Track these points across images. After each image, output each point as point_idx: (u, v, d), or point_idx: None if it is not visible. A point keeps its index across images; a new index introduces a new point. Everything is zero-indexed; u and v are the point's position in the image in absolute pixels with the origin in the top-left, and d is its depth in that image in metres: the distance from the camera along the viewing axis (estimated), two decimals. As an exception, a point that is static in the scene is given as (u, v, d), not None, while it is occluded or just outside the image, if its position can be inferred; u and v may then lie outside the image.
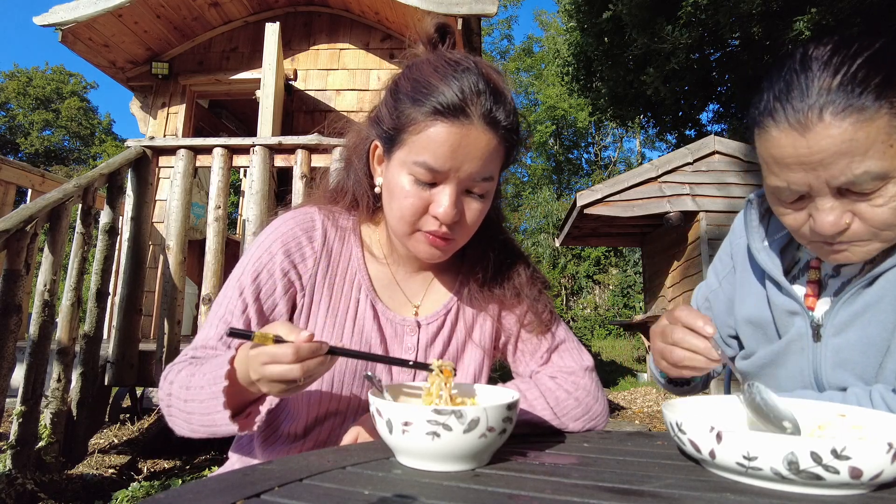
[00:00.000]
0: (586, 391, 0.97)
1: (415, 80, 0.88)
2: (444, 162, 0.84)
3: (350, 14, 5.44)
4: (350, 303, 0.98)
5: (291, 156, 3.50)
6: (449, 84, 0.84)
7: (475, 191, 0.89)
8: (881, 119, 0.73)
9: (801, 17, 8.20)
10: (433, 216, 0.88)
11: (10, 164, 4.73)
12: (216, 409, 0.78)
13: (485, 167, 0.87)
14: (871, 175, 0.75)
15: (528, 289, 1.04)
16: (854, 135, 0.74)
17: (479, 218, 0.93)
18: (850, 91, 0.74)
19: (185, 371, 0.85)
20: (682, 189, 6.44)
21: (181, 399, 0.83)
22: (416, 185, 0.87)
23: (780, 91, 0.79)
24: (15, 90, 32.47)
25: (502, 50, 32.47)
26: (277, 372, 0.70)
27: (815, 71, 0.77)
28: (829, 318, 0.92)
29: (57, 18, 4.72)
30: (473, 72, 0.86)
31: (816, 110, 0.75)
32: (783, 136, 0.78)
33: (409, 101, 0.87)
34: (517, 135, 0.92)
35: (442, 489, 0.58)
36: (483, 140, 0.85)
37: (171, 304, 3.31)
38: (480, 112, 0.84)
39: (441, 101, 0.83)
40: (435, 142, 0.84)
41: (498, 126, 0.86)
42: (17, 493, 2.47)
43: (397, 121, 0.89)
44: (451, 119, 0.83)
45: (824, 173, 0.77)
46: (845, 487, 0.56)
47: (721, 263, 1.18)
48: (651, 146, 27.52)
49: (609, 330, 16.67)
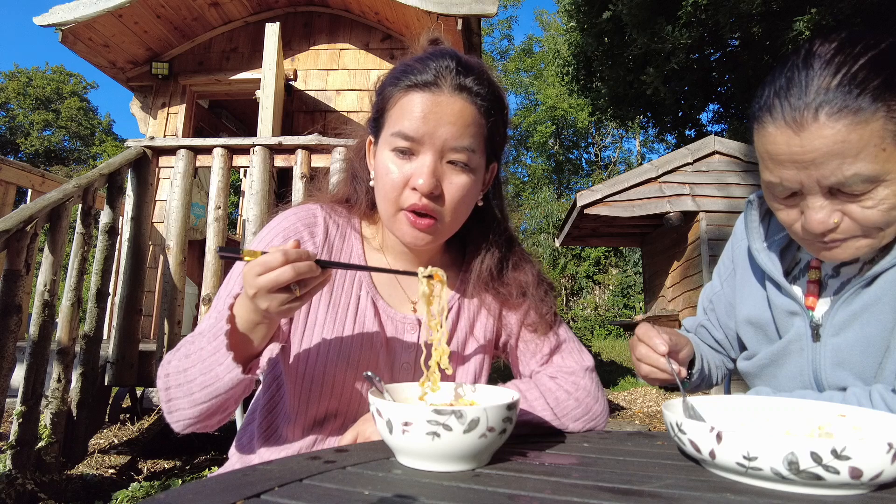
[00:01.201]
0: (586, 392, 0.97)
1: (395, 67, 0.95)
2: (417, 126, 0.87)
3: (350, 14, 5.44)
4: (351, 299, 0.98)
5: (291, 156, 3.50)
6: (423, 63, 0.90)
7: (455, 159, 0.90)
8: (876, 122, 0.73)
9: (801, 17, 8.21)
10: (412, 188, 0.89)
11: (10, 164, 4.73)
12: (218, 361, 0.78)
13: (461, 133, 0.89)
14: (862, 177, 0.75)
15: (535, 289, 1.03)
16: (847, 136, 0.74)
17: (463, 195, 0.92)
18: (848, 92, 0.74)
19: (185, 347, 0.85)
20: (682, 189, 6.44)
21: (181, 370, 0.82)
22: (397, 159, 0.90)
23: (781, 87, 0.80)
24: (15, 90, 32.47)
25: (502, 50, 32.50)
26: (271, 278, 0.72)
27: (816, 69, 0.77)
28: (828, 318, 0.92)
29: (57, 18, 4.72)
30: (448, 54, 0.92)
31: (812, 109, 0.75)
32: (778, 133, 0.79)
33: (389, 85, 0.93)
34: (496, 106, 0.94)
35: (442, 489, 0.58)
36: (455, 105, 0.88)
37: (171, 305, 3.31)
38: (450, 82, 0.89)
39: (414, 78, 0.89)
40: (408, 110, 0.89)
41: (469, 91, 0.90)
42: (17, 493, 2.47)
43: (380, 104, 0.95)
44: (423, 89, 0.89)
45: (815, 172, 0.77)
46: (845, 487, 0.56)
47: (723, 266, 1.18)
48: (651, 146, 27.56)
49: (609, 330, 16.67)
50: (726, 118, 13.09)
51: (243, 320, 0.80)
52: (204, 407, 0.82)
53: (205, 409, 0.83)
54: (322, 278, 0.77)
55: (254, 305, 0.76)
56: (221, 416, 0.87)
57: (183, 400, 0.83)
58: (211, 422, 0.86)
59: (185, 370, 0.82)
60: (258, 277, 0.73)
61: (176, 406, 0.84)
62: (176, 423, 0.86)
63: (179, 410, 0.84)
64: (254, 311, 0.78)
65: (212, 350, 0.79)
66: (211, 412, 0.84)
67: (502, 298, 1.04)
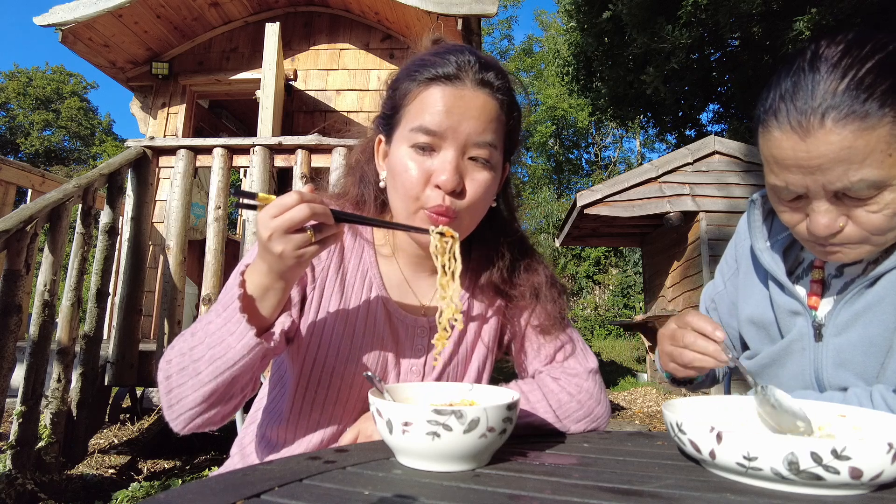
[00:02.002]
0: (589, 394, 0.96)
1: (410, 62, 0.93)
2: (440, 121, 0.85)
3: (350, 14, 5.44)
4: (361, 300, 0.96)
5: (291, 156, 3.50)
6: (443, 57, 0.88)
7: (477, 155, 0.87)
8: (883, 128, 0.73)
9: (801, 17, 8.20)
10: (436, 185, 0.86)
11: (10, 164, 4.73)
12: (230, 331, 0.76)
13: (484, 128, 0.87)
14: (867, 183, 0.75)
15: (547, 290, 1.02)
16: (853, 143, 0.73)
17: (484, 193, 0.89)
18: (855, 97, 0.73)
19: (188, 330, 0.83)
20: (682, 189, 6.44)
21: (185, 352, 0.79)
22: (416, 155, 0.87)
23: (787, 90, 0.79)
24: (15, 90, 32.47)
25: (502, 50, 32.50)
26: (287, 217, 0.72)
27: (822, 73, 0.76)
28: (830, 317, 0.92)
29: (57, 18, 4.72)
30: (467, 51, 0.90)
31: (819, 114, 0.75)
32: (784, 138, 0.78)
33: (405, 80, 0.90)
34: (513, 102, 0.93)
35: (442, 489, 0.58)
36: (479, 99, 0.87)
37: (171, 305, 3.31)
38: (472, 77, 0.87)
39: (435, 70, 0.87)
40: (430, 103, 0.86)
41: (492, 87, 0.88)
42: (17, 493, 2.47)
43: (395, 100, 0.92)
44: (445, 82, 0.86)
45: (822, 178, 0.77)
46: (845, 488, 0.56)
47: (726, 265, 1.18)
48: (651, 146, 27.55)
49: (609, 330, 16.67)
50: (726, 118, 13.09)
51: (255, 285, 0.79)
52: (210, 388, 0.77)
53: (210, 392, 0.78)
54: (336, 230, 0.77)
55: (268, 257, 0.75)
56: (225, 408, 0.82)
57: (186, 385, 0.78)
58: (214, 412, 0.81)
59: (190, 349, 0.79)
60: (274, 219, 0.72)
61: (178, 396, 0.79)
62: (177, 418, 0.80)
63: (182, 401, 0.79)
64: (266, 273, 0.77)
65: (222, 322, 0.77)
66: (217, 395, 0.79)
67: (513, 300, 1.02)
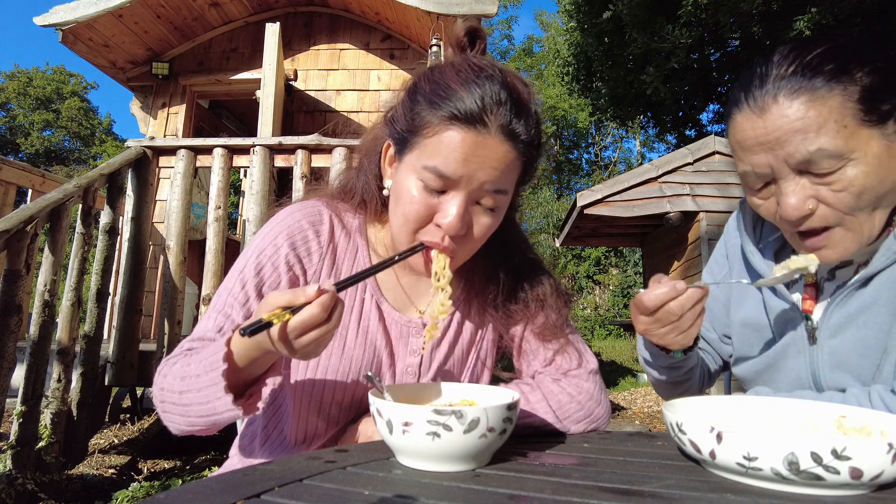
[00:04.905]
0: (589, 395, 0.95)
1: (434, 82, 0.84)
2: (455, 168, 0.80)
3: (350, 14, 5.44)
4: (355, 302, 0.96)
5: (292, 156, 3.50)
6: (469, 90, 0.80)
7: (485, 203, 0.85)
8: (833, 100, 0.78)
9: (801, 17, 8.20)
10: (437, 224, 0.84)
11: (10, 164, 4.73)
12: (216, 395, 0.75)
13: (499, 179, 0.83)
14: (826, 153, 0.78)
15: (553, 300, 1.01)
16: (806, 113, 0.78)
17: (487, 234, 0.89)
18: (803, 75, 0.80)
19: (180, 363, 0.83)
20: (682, 189, 6.43)
21: (176, 392, 0.81)
22: (424, 191, 0.83)
23: (745, 81, 0.86)
24: (15, 90, 32.48)
25: (502, 50, 32.46)
26: (315, 335, 0.70)
27: (775, 62, 0.84)
28: (823, 320, 0.92)
29: (57, 18, 4.72)
30: (497, 80, 0.82)
31: (772, 94, 0.81)
32: (744, 120, 0.84)
33: (425, 103, 0.83)
34: (537, 150, 0.88)
35: (442, 489, 0.58)
36: (500, 151, 0.81)
37: (172, 305, 3.31)
38: (499, 123, 0.80)
39: (458, 107, 0.79)
40: (448, 147, 0.80)
41: (517, 139, 0.82)
42: (17, 493, 2.47)
43: (411, 122, 0.85)
44: (467, 126, 0.79)
45: (781, 152, 0.80)
46: (845, 488, 0.56)
47: (717, 265, 1.17)
48: (651, 146, 27.54)
49: (609, 330, 16.67)
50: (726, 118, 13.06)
51: (242, 357, 0.76)
52: (200, 426, 0.81)
53: (201, 427, 0.82)
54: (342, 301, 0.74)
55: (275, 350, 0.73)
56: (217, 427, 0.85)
57: (178, 417, 0.82)
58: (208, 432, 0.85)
59: (180, 393, 0.80)
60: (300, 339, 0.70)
61: (171, 418, 0.84)
62: (171, 426, 0.85)
63: (173, 422, 0.84)
64: (255, 349, 0.75)
65: (209, 381, 0.76)
66: (207, 430, 0.83)
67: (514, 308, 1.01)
